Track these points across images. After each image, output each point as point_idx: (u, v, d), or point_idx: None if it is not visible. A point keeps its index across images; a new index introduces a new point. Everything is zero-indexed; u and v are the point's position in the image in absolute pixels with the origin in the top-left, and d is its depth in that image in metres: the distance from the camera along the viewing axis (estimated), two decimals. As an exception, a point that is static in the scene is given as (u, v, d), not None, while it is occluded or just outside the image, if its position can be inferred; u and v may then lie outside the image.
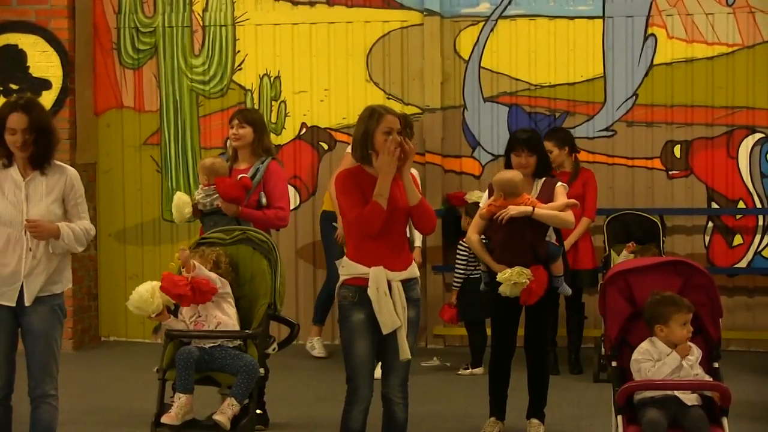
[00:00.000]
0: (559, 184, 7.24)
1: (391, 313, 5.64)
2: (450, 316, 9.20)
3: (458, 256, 9.18)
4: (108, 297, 10.86)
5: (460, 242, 9.05)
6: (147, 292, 5.81)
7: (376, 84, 10.44)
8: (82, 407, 8.12)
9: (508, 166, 7.33)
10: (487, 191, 7.38)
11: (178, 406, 5.67)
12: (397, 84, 10.41)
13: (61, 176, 5.99)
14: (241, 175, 7.52)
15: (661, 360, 5.59)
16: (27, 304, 5.87)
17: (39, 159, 5.90)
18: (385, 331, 5.67)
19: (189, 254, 6.01)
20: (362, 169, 5.80)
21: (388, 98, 10.36)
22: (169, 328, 5.98)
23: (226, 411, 5.70)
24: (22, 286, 5.86)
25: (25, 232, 5.81)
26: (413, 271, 5.86)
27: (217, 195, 7.38)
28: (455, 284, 9.20)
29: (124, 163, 10.82)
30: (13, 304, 5.87)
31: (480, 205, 7.40)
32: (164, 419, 5.63)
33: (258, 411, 6.58)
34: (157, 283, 5.88)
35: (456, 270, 9.19)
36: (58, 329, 6.01)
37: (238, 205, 7.38)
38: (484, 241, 7.20)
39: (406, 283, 5.80)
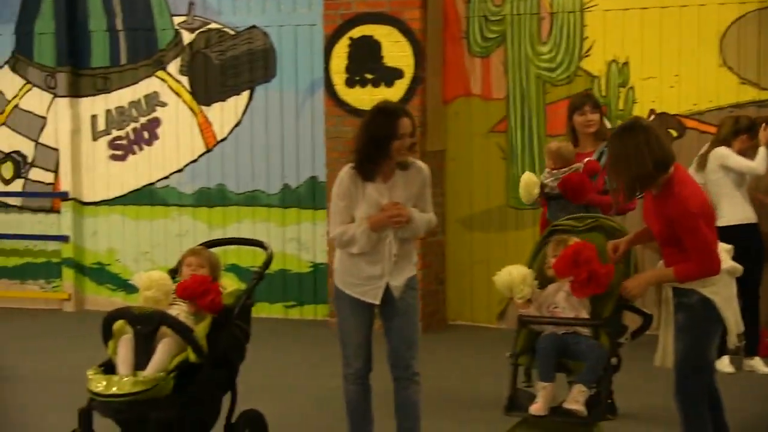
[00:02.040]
0: None
1: None
2: None
3: None
4: (455, 282, 11.06)
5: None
6: (519, 277, 5.85)
7: (729, 68, 10.09)
8: (432, 388, 8.30)
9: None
10: None
11: (543, 396, 5.67)
12: (753, 68, 10.01)
13: (418, 174, 6.18)
14: (587, 159, 7.46)
15: None
16: (396, 296, 6.16)
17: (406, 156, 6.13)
18: None
19: None
20: None
21: (742, 83, 9.99)
22: (523, 313, 6.00)
23: (578, 398, 5.65)
24: (386, 284, 6.14)
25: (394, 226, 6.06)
26: None
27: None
28: None
29: (472, 151, 10.97)
30: (377, 302, 6.15)
31: None
32: (532, 410, 5.64)
33: (607, 400, 6.51)
34: (529, 272, 5.90)
35: None
36: (419, 306, 6.35)
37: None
38: None
39: None
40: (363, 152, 6.03)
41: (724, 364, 8.69)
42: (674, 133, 10.26)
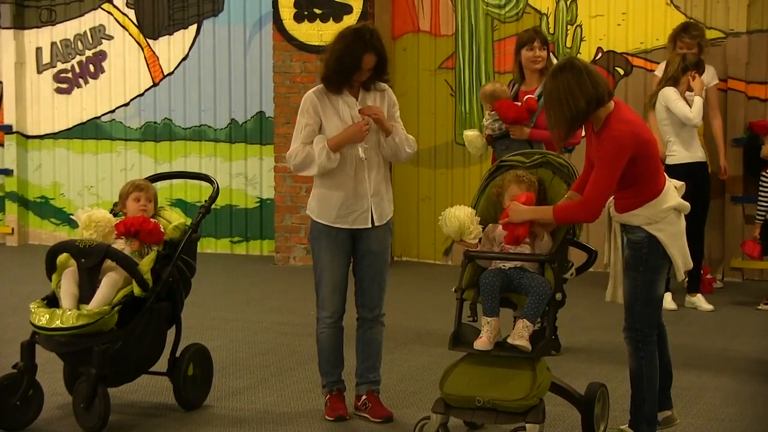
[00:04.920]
0: None
1: None
2: (756, 252, 8.87)
3: (762, 187, 8.81)
4: (401, 218, 11.04)
5: (764, 172, 8.69)
6: (467, 218, 5.80)
7: (677, 7, 10.10)
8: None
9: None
10: None
11: (488, 330, 5.67)
12: (700, 6, 10.03)
13: (383, 94, 6.19)
14: (527, 96, 7.48)
15: None
16: (377, 224, 6.15)
17: (369, 81, 6.10)
18: None
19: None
20: None
21: (689, 21, 9.99)
22: (469, 249, 6.00)
23: (523, 333, 5.65)
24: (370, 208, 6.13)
25: (364, 152, 6.09)
26: None
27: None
28: (758, 217, 8.85)
29: (419, 87, 10.94)
30: (369, 226, 6.12)
31: None
32: (477, 345, 5.63)
33: (552, 336, 6.54)
34: (472, 210, 5.86)
35: (759, 202, 8.83)
36: (390, 248, 6.35)
37: (523, 127, 7.38)
38: None
39: None
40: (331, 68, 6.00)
41: (666, 301, 8.79)
42: (621, 71, 10.29)
